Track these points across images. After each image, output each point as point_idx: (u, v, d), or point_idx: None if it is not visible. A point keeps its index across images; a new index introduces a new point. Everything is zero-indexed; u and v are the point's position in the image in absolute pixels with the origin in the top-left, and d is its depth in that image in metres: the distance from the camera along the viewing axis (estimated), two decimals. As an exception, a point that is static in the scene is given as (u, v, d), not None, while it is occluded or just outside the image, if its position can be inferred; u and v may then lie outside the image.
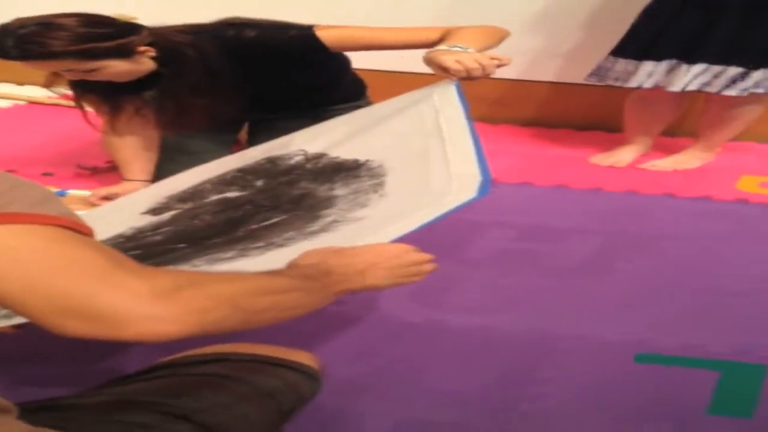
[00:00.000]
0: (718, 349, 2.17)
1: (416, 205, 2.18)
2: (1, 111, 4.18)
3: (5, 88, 4.47)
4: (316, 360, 1.69)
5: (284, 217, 2.37)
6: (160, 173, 3.13)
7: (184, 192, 2.70)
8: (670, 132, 3.74)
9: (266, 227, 2.33)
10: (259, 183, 2.62)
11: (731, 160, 3.56)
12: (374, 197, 2.33)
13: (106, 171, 3.29)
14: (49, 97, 4.20)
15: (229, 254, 2.20)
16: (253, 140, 3.25)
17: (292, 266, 1.62)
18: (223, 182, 2.70)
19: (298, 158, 2.67)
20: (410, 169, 2.40)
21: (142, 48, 2.86)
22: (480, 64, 2.50)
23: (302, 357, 1.67)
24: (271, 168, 2.71)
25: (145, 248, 2.34)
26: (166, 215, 2.54)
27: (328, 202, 2.38)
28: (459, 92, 2.51)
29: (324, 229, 2.22)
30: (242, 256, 2.18)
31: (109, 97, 3.09)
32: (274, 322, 1.37)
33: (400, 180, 2.37)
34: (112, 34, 2.83)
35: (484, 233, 2.88)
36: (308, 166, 2.61)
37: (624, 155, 3.57)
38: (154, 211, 2.59)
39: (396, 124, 2.63)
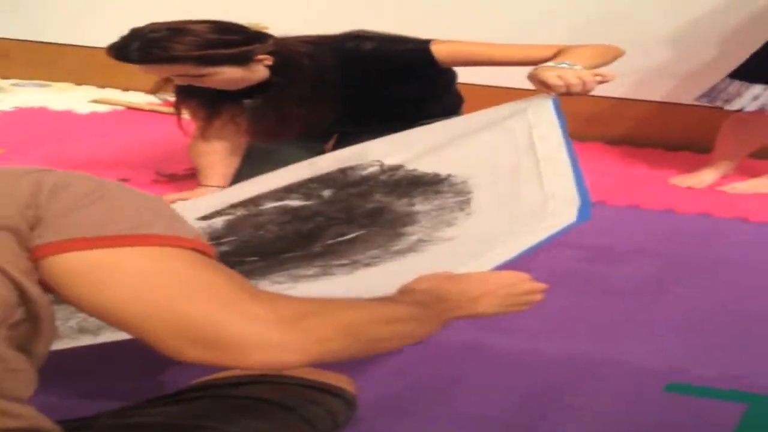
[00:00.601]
0: (754, 380, 2.13)
1: (510, 228, 2.16)
2: (98, 115, 4.28)
3: (108, 93, 4.58)
4: (353, 384, 1.69)
5: (362, 232, 2.36)
6: (242, 180, 3.19)
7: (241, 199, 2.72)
8: (760, 154, 3.68)
9: (344, 243, 2.32)
10: (326, 193, 2.61)
11: (814, 185, 3.48)
12: (461, 215, 2.30)
13: (184, 178, 3.35)
14: (149, 104, 4.32)
15: (311, 271, 2.18)
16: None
17: (406, 291, 1.61)
18: (285, 189, 2.70)
19: (372, 169, 2.66)
20: (499, 186, 2.37)
21: (261, 56, 2.94)
22: (581, 80, 2.52)
23: (342, 381, 1.68)
24: (341, 178, 2.70)
25: None
26: (218, 220, 2.54)
27: (409, 218, 2.36)
28: (556, 108, 2.50)
29: (412, 249, 2.20)
30: (326, 274, 2.16)
31: (209, 103, 3.16)
32: (390, 351, 1.42)
33: (488, 198, 2.34)
34: (237, 42, 2.91)
35: (548, 252, 2.86)
36: (382, 177, 2.60)
37: (705, 177, 3.53)
38: (206, 217, 2.59)
39: (484, 138, 2.59)
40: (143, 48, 2.83)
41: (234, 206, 2.63)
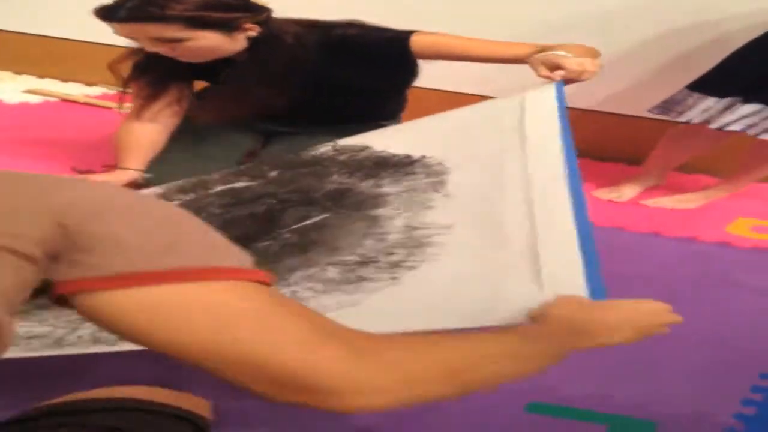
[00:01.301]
0: (618, 401, 2.10)
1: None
2: (28, 106, 4.18)
3: (45, 83, 4.50)
4: (210, 409, 1.62)
5: (327, 215, 2.25)
6: (163, 165, 3.13)
7: (186, 182, 2.66)
8: (689, 169, 3.64)
9: (311, 227, 2.21)
10: (273, 173, 2.55)
11: (736, 201, 3.44)
12: (437, 197, 2.21)
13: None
14: (84, 95, 4.26)
15: (330, 274, 2.01)
16: (269, 149, 3.24)
17: (539, 317, 1.56)
18: (235, 173, 2.65)
19: (324, 149, 2.63)
20: (480, 167, 2.27)
21: (249, 25, 2.89)
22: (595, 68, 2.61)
23: (198, 405, 1.61)
24: (292, 158, 2.66)
25: None
26: None
27: (378, 200, 2.27)
28: (560, 94, 2.45)
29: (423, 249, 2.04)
30: (362, 280, 1.97)
31: (159, 80, 3.10)
32: (482, 392, 1.32)
33: (467, 180, 2.24)
34: (235, 7, 2.87)
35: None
36: (341, 158, 2.55)
37: (626, 191, 3.48)
38: None
39: (468, 124, 2.54)
40: (140, 6, 2.76)
41: (185, 191, 2.56)
